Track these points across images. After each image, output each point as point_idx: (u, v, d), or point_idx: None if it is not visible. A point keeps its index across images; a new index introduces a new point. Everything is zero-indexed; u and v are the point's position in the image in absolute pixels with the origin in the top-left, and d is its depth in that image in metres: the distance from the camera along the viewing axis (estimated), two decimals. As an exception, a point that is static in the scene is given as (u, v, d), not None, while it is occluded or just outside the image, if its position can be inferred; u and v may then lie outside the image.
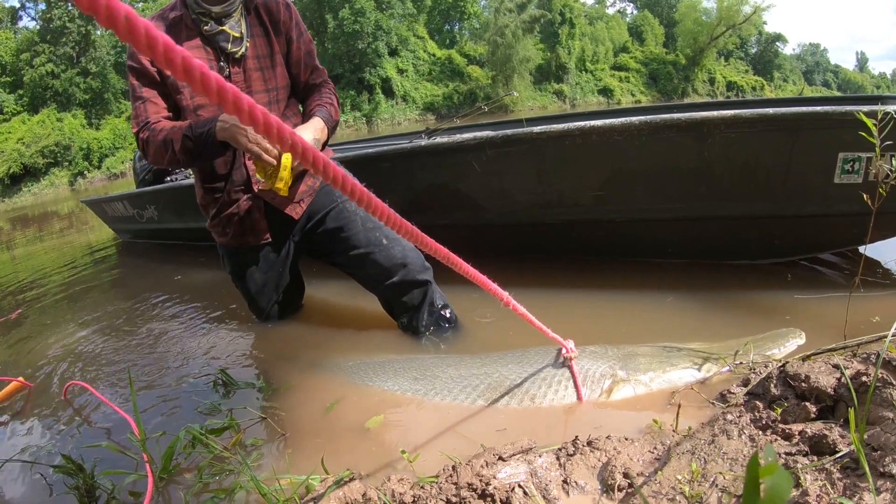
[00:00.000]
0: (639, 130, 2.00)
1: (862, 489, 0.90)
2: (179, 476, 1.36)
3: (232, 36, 1.92)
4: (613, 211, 2.24)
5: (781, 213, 2.05)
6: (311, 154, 0.65)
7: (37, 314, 3.22)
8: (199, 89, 0.54)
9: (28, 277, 4.43)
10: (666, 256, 2.40)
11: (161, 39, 0.49)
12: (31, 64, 24.09)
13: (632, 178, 2.15)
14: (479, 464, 1.09)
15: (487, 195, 2.41)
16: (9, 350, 2.63)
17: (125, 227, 5.00)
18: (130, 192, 4.42)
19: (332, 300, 2.55)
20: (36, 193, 21.57)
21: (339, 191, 0.74)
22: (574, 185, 2.24)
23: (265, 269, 2.19)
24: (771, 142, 1.92)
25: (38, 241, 7.42)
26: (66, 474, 1.30)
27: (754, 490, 0.35)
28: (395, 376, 1.68)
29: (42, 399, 2.01)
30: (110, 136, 24.30)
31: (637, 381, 1.43)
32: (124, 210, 4.61)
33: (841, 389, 1.14)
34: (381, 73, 31.73)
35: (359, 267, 2.13)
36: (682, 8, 47.38)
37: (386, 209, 0.85)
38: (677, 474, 1.05)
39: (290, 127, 0.63)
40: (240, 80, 1.95)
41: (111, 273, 4.19)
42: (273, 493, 1.13)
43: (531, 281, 2.43)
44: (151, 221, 4.33)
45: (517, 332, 1.89)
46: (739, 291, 2.12)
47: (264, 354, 2.10)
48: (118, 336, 2.57)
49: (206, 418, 1.61)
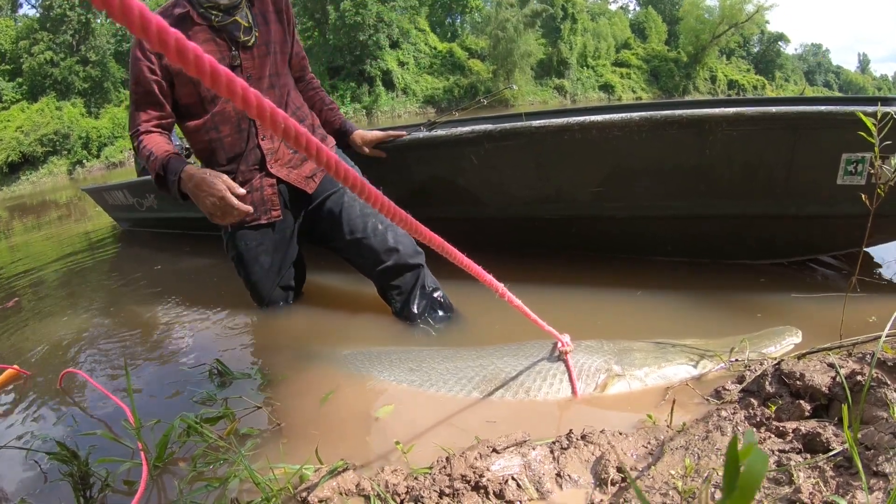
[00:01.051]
0: (639, 127, 1.97)
1: (854, 487, 0.90)
2: (174, 464, 1.36)
3: (243, 26, 1.98)
4: (612, 207, 2.23)
5: (782, 212, 2.04)
6: (304, 138, 0.67)
7: (34, 302, 3.22)
8: (208, 83, 0.55)
9: (25, 266, 4.42)
10: (665, 254, 2.40)
11: (173, 34, 0.51)
12: (31, 52, 23.98)
13: (631, 174, 2.13)
14: (473, 456, 1.09)
15: (485, 189, 2.41)
16: (5, 338, 2.63)
17: (125, 216, 5.01)
18: (130, 181, 4.41)
19: (328, 290, 2.55)
20: (34, 182, 21.51)
21: (333, 176, 0.75)
22: (573, 181, 2.23)
23: (271, 251, 2.20)
24: (773, 140, 1.90)
25: (36, 229, 7.41)
26: (61, 461, 1.30)
27: (734, 471, 0.36)
28: (390, 367, 1.68)
29: (38, 387, 2.01)
30: (109, 125, 24.23)
31: (632, 377, 1.43)
32: (124, 199, 4.61)
33: (835, 388, 1.14)
34: (381, 65, 31.67)
35: (355, 252, 2.18)
36: (685, 5, 47.31)
37: (381, 197, 0.85)
38: (671, 469, 1.05)
39: (283, 112, 0.65)
40: (249, 66, 2.03)
41: (108, 262, 4.18)
42: (267, 482, 1.13)
43: (528, 275, 2.43)
44: (151, 210, 4.34)
45: (515, 323, 1.89)
46: (737, 289, 2.12)
47: (260, 344, 2.10)
48: (114, 324, 2.57)
49: (201, 407, 1.61)
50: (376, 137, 2.41)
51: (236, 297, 2.56)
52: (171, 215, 4.24)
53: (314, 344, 2.01)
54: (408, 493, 1.06)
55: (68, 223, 7.40)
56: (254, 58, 2.03)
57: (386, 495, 1.06)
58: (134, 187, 4.34)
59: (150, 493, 1.27)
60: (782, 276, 2.19)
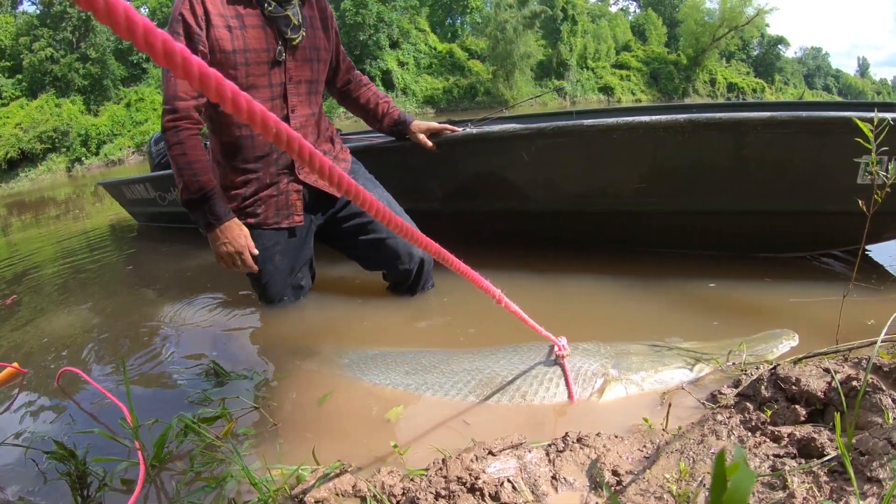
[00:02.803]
0: (682, 127, 2.07)
1: (848, 493, 0.91)
2: (171, 464, 1.36)
3: (293, 23, 1.95)
4: (653, 203, 2.32)
5: (808, 209, 2.13)
6: (296, 143, 0.67)
7: (32, 300, 3.22)
8: (196, 84, 0.54)
9: (23, 264, 4.41)
10: (700, 248, 2.48)
11: (160, 35, 0.50)
12: (31, 48, 23.91)
13: (672, 172, 2.23)
14: (469, 458, 1.10)
15: (534, 184, 2.49)
16: (3, 336, 2.63)
17: (143, 210, 4.97)
18: (154, 175, 4.37)
19: (327, 291, 2.55)
20: (33, 179, 21.45)
21: (327, 181, 0.74)
22: (618, 177, 2.32)
23: (286, 252, 2.20)
24: (802, 143, 2.00)
25: (34, 226, 7.40)
26: (58, 460, 1.30)
27: (721, 486, 0.36)
28: (387, 370, 1.68)
29: (35, 385, 2.01)
30: (109, 123, 24.18)
31: (629, 381, 1.44)
32: (145, 193, 4.58)
33: (831, 393, 1.15)
34: (381, 65, 31.66)
35: (373, 251, 2.27)
36: (685, 8, 47.30)
37: (376, 203, 0.85)
38: (665, 473, 1.06)
39: (286, 124, 0.66)
40: (292, 66, 2.00)
41: (106, 260, 4.17)
42: (264, 482, 1.13)
43: (527, 274, 2.44)
44: (174, 205, 4.30)
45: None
46: (735, 291, 2.13)
47: (257, 344, 2.10)
48: (112, 323, 2.57)
49: (199, 407, 1.61)
50: (432, 128, 2.45)
51: (236, 297, 2.56)
52: None
53: (312, 345, 2.01)
54: (404, 495, 1.07)
55: (65, 221, 7.38)
56: (297, 59, 2.00)
57: (382, 496, 1.06)
58: (158, 181, 4.31)
59: (148, 492, 1.27)
60: (782, 277, 2.20)
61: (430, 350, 1.88)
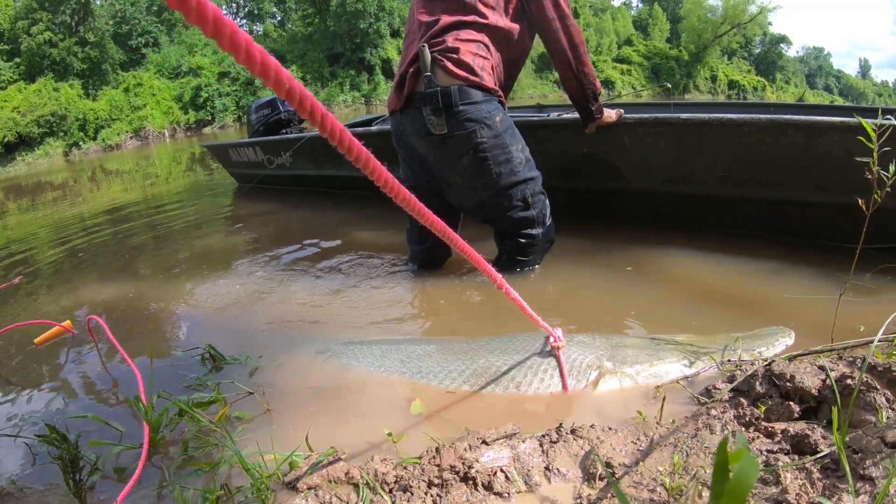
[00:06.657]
0: (764, 126, 2.29)
1: (841, 490, 0.91)
2: (164, 448, 1.36)
3: None
4: (733, 190, 2.55)
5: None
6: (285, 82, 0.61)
7: (33, 282, 3.21)
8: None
9: (22, 247, 4.41)
10: (770, 232, 2.68)
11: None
12: (29, 32, 23.71)
13: (753, 163, 2.44)
14: (463, 447, 1.10)
15: (631, 167, 2.75)
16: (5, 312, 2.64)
17: (248, 172, 5.32)
18: (266, 139, 4.77)
19: (326, 279, 2.55)
20: (30, 163, 21.33)
21: (319, 131, 0.69)
22: (705, 165, 2.56)
23: None
24: (862, 146, 2.07)
25: (31, 210, 7.38)
26: (50, 444, 1.30)
27: (723, 475, 0.35)
28: (382, 358, 1.68)
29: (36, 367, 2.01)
30: (107, 108, 24.04)
31: (623, 374, 1.44)
32: (253, 155, 4.97)
33: (825, 391, 1.15)
34: (381, 53, 31.45)
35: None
36: (688, 4, 47.09)
37: (384, 172, 0.81)
38: (659, 466, 1.06)
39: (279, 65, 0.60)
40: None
41: (101, 245, 4.16)
42: (257, 468, 1.13)
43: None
44: (282, 168, 4.69)
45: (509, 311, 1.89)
46: (735, 287, 2.13)
47: (254, 330, 2.10)
48: (114, 303, 2.57)
49: (193, 391, 1.61)
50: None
51: (235, 282, 2.56)
52: (304, 173, 4.64)
53: (308, 331, 2.01)
54: (396, 483, 1.07)
55: (62, 204, 7.35)
56: None
57: (375, 484, 1.06)
58: (268, 145, 4.68)
59: (142, 475, 1.27)
60: (781, 275, 2.20)
61: (427, 339, 1.88)
